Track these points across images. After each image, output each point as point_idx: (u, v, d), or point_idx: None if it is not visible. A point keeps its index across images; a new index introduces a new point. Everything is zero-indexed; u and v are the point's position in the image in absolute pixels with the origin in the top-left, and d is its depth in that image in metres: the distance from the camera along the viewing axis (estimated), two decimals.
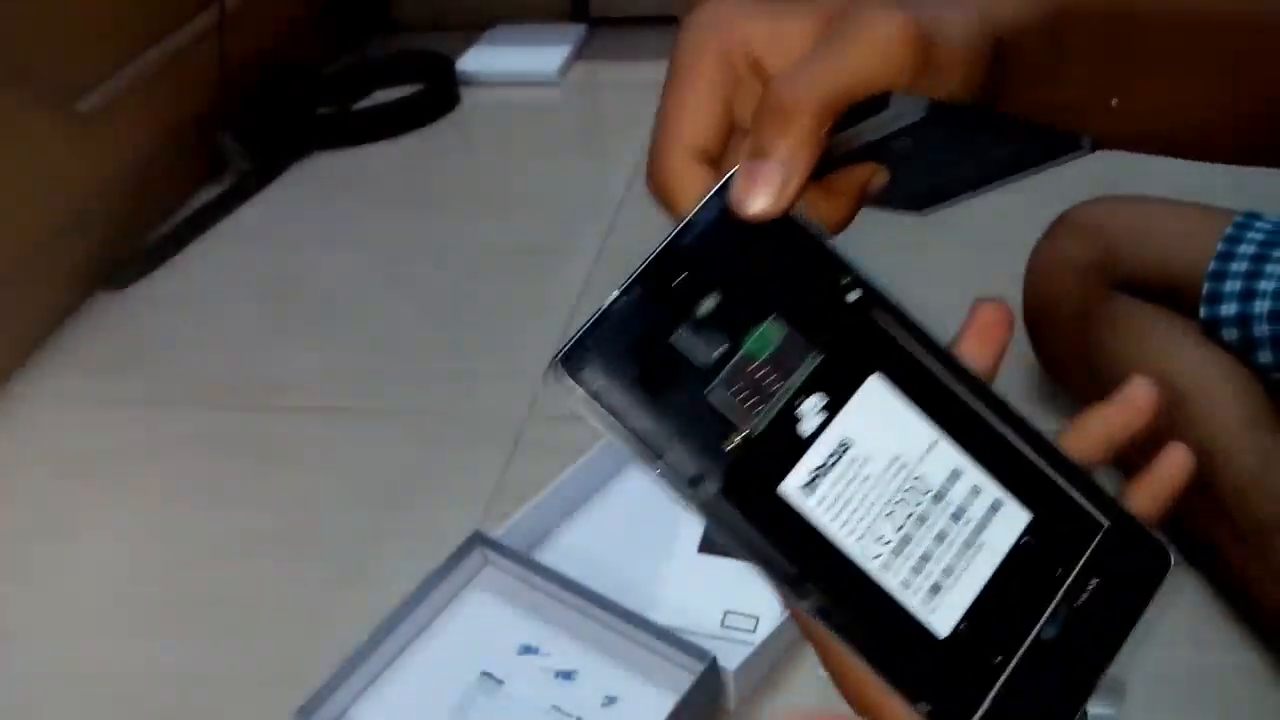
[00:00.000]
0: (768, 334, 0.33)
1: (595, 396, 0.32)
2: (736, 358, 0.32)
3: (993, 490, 0.33)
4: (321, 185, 1.73)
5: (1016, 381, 1.14)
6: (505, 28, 2.07)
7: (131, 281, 1.51)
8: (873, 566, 0.32)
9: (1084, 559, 0.34)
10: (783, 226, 0.34)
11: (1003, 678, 0.32)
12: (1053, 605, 0.33)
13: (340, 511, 1.11)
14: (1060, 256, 1.05)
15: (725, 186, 0.34)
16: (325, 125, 1.85)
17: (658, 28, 1.97)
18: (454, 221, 1.59)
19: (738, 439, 0.32)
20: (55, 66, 1.46)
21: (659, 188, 0.36)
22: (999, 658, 0.32)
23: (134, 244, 1.58)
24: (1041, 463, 0.34)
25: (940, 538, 0.33)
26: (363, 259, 1.53)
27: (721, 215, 0.34)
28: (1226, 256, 0.95)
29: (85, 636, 1.02)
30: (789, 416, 0.32)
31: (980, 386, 0.34)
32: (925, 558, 0.32)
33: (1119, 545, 0.34)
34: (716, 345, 0.32)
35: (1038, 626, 0.33)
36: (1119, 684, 0.82)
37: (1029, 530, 0.33)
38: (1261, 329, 0.92)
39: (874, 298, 0.35)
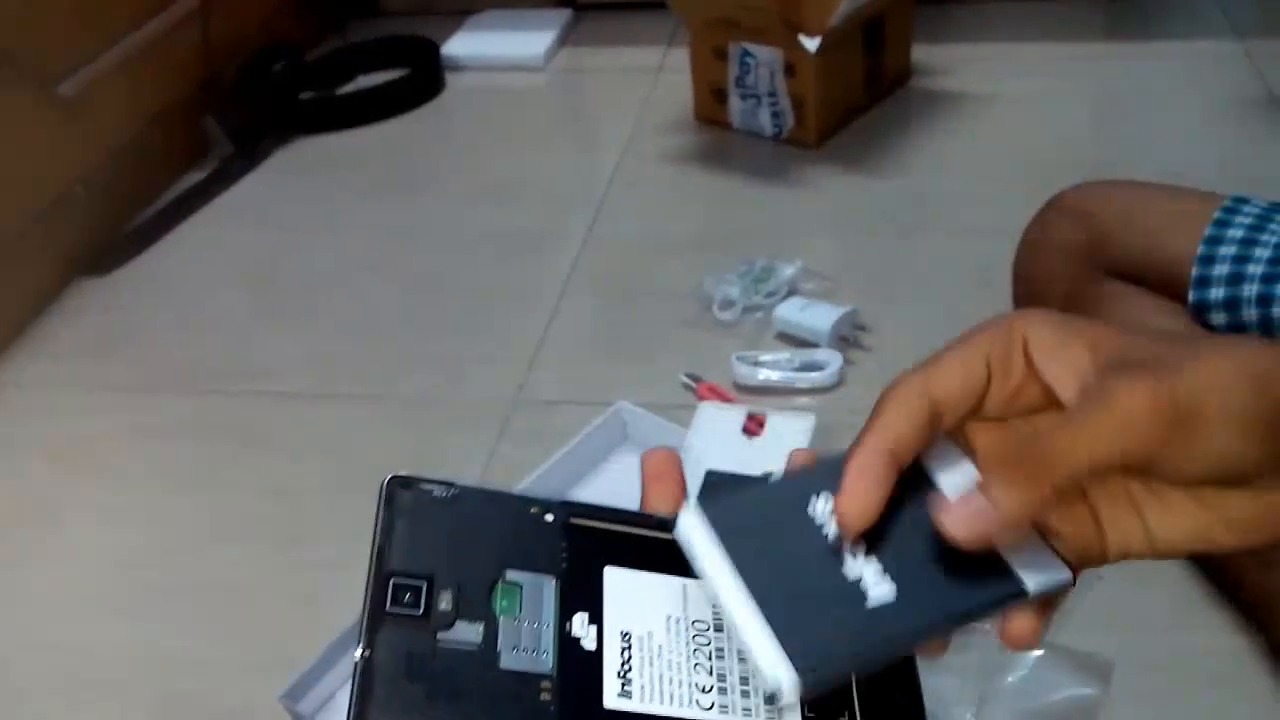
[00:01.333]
0: (507, 591, 0.34)
1: None
2: (498, 624, 0.33)
3: None
4: (306, 170, 1.72)
5: None
6: (490, 13, 2.06)
7: (115, 266, 1.50)
8: (716, 715, 0.33)
9: None
10: (466, 497, 0.35)
11: None
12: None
13: (327, 495, 1.10)
14: (1050, 239, 1.05)
15: (394, 498, 0.35)
16: (309, 110, 1.84)
17: (642, 13, 1.97)
18: (439, 206, 1.58)
19: (546, 685, 0.32)
20: (38, 50, 1.44)
21: (882, 402, 0.36)
22: None
23: (117, 228, 1.57)
24: None
25: (743, 657, 0.34)
26: (347, 243, 1.52)
27: (416, 520, 0.34)
28: (1215, 241, 0.95)
29: (73, 620, 1.01)
30: (570, 643, 0.33)
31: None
32: (744, 678, 0.34)
33: None
34: (476, 625, 0.33)
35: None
36: (1106, 665, 0.83)
37: None
38: (1250, 312, 0.92)
39: (562, 509, 0.36)
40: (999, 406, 0.36)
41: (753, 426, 1.03)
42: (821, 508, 0.35)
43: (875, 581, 0.33)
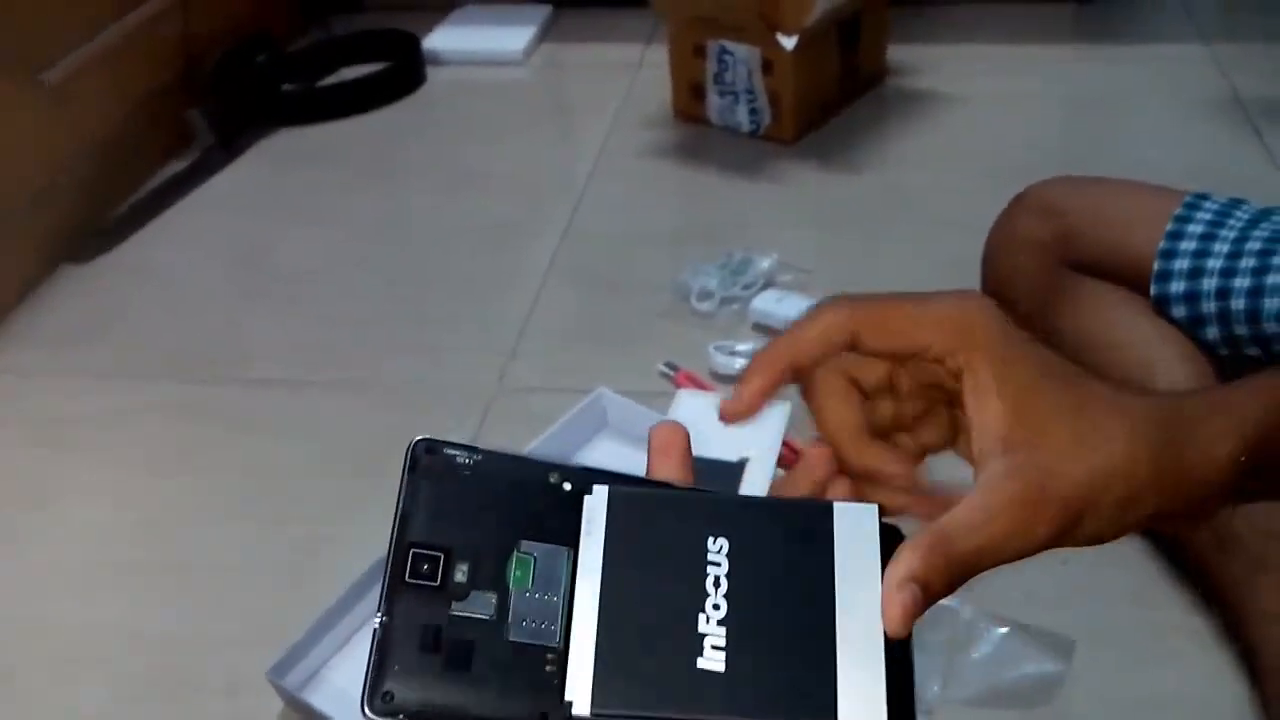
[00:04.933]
0: (521, 562, 0.34)
1: (421, 711, 0.32)
2: (511, 596, 0.34)
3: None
4: (287, 161, 1.73)
5: None
6: (471, 7, 2.08)
7: (97, 254, 1.51)
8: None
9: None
10: (488, 463, 0.36)
11: None
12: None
13: (311, 480, 1.12)
14: (1018, 234, 1.08)
15: (419, 463, 0.36)
16: (291, 101, 1.85)
17: (622, 10, 1.99)
18: (420, 198, 1.60)
19: (551, 658, 0.33)
20: (20, 38, 1.45)
21: (806, 323, 0.41)
22: None
23: (99, 217, 1.57)
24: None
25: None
26: (328, 233, 1.54)
27: (438, 488, 0.35)
28: (1176, 236, 0.98)
29: (59, 599, 1.02)
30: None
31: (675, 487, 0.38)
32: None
33: None
34: (489, 596, 0.34)
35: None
36: (1068, 643, 0.86)
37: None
38: (1209, 306, 0.95)
39: (583, 476, 0.36)
40: (902, 388, 0.41)
41: None
42: (716, 547, 0.35)
43: (713, 646, 0.33)
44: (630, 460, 1.08)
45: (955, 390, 0.39)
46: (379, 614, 0.33)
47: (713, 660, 0.33)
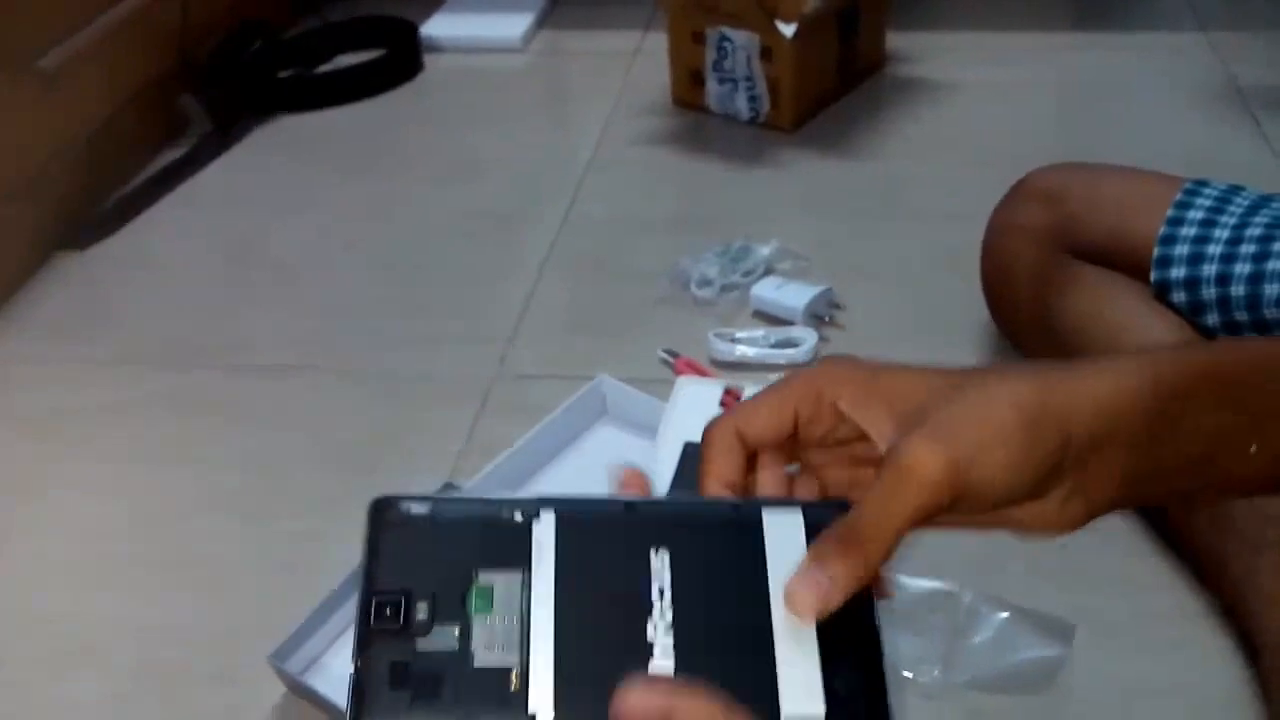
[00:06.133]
0: (480, 593, 0.37)
1: None
2: (472, 625, 0.36)
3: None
4: (284, 148, 1.72)
5: (975, 344, 1.17)
6: None
7: (92, 242, 1.51)
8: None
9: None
10: (443, 508, 0.38)
11: None
12: None
13: (309, 469, 1.12)
14: (1018, 222, 1.08)
15: (379, 518, 0.38)
16: (287, 88, 1.84)
17: None
18: (418, 186, 1.60)
19: (514, 678, 0.35)
20: (16, 25, 1.44)
21: (703, 444, 0.42)
22: None
23: (94, 205, 1.57)
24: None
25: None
26: (326, 222, 1.53)
27: (397, 538, 0.37)
28: (1176, 222, 0.98)
29: (54, 590, 1.02)
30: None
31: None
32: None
33: None
34: (452, 628, 0.36)
35: None
36: (1069, 627, 0.86)
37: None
38: (1209, 292, 0.95)
39: (532, 505, 0.38)
40: (817, 441, 0.42)
41: (729, 400, 1.06)
42: (658, 560, 0.38)
43: (662, 651, 0.36)
44: (630, 446, 1.08)
45: (848, 435, 0.42)
46: (352, 663, 0.35)
47: (662, 665, 0.36)
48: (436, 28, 1.97)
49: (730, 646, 0.36)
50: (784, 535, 0.38)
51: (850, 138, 1.61)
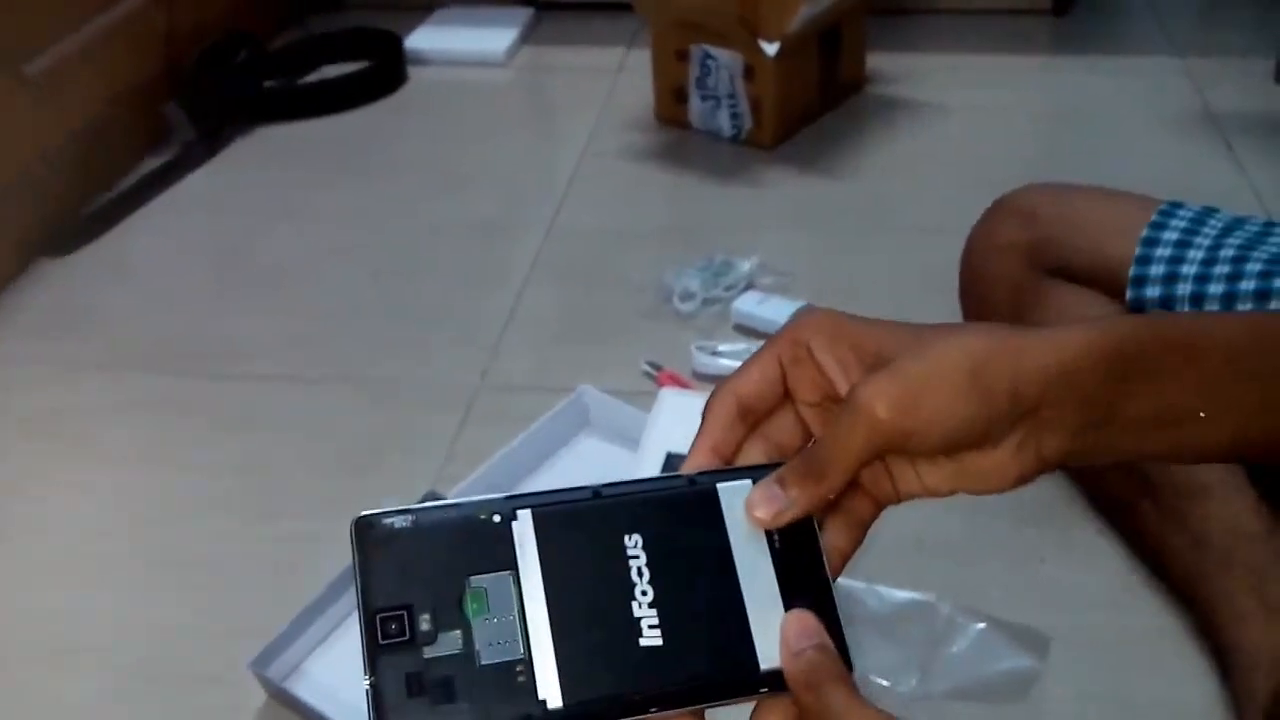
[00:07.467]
0: (474, 596, 0.39)
1: None
2: (473, 628, 0.38)
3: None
4: (268, 157, 1.73)
5: None
6: (453, 9, 2.08)
7: (75, 248, 1.51)
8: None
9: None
10: (423, 519, 0.40)
11: None
12: None
13: (294, 474, 1.12)
14: (995, 240, 1.09)
15: (364, 538, 0.39)
16: (272, 98, 1.85)
17: (604, 13, 2.00)
18: (401, 196, 1.61)
19: (520, 669, 0.38)
20: (4, 29, 1.44)
21: (704, 411, 0.45)
22: None
23: (78, 210, 1.57)
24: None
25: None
26: (310, 230, 1.54)
27: (386, 553, 0.39)
28: (1151, 242, 1.00)
29: (47, 590, 1.02)
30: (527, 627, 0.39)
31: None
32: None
33: None
34: (455, 634, 0.38)
35: None
36: (1044, 639, 0.87)
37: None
38: (1183, 309, 0.97)
39: (507, 506, 0.40)
40: (808, 391, 0.44)
41: None
42: (632, 543, 0.40)
43: (649, 626, 0.39)
44: (614, 457, 1.09)
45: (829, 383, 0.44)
46: (366, 678, 0.37)
47: (652, 638, 0.38)
48: (421, 41, 1.98)
49: (708, 614, 0.39)
50: (740, 505, 0.41)
51: (831, 156, 1.63)
